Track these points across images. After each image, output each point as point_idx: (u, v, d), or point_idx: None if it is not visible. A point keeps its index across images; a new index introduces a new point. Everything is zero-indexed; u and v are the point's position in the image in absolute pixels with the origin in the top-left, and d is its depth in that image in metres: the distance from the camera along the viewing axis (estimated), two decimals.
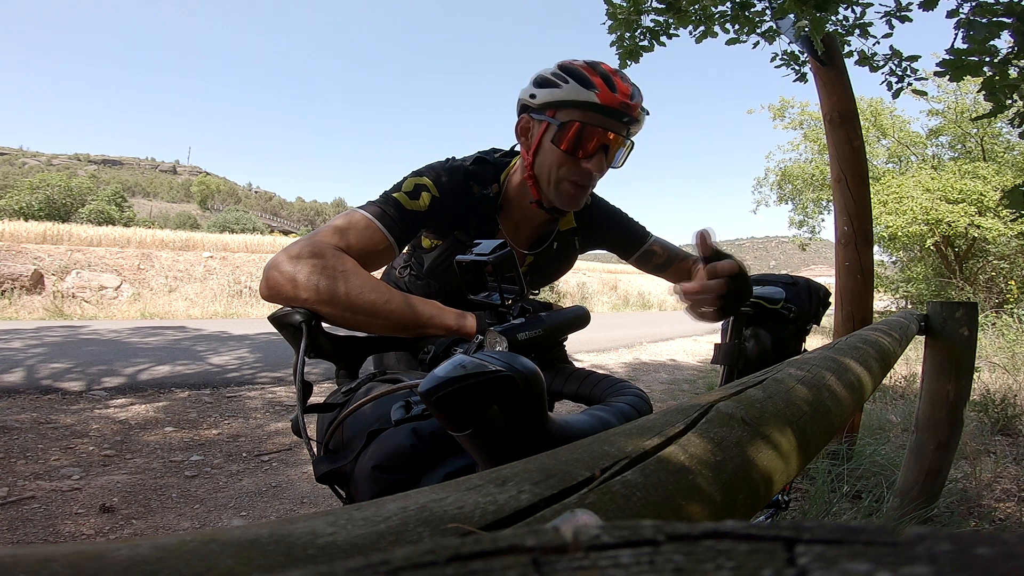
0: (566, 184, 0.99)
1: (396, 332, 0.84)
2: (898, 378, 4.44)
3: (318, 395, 3.37)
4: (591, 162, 0.97)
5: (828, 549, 0.12)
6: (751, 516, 0.41)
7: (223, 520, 2.05)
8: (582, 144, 0.96)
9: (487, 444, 0.37)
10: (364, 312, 0.79)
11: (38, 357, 4.70)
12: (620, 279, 20.41)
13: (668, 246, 1.26)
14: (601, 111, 0.94)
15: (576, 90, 0.93)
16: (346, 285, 0.78)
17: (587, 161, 0.97)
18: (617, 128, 0.97)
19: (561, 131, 0.95)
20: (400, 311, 0.81)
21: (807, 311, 1.29)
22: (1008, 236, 9.35)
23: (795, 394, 0.55)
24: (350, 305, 0.78)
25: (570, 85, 0.94)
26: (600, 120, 0.95)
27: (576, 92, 0.93)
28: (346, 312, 0.79)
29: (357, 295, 0.78)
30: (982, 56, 1.91)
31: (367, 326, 0.82)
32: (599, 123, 0.95)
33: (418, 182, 0.97)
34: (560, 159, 0.97)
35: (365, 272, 0.84)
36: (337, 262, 0.81)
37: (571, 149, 0.96)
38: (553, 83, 0.96)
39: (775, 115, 13.50)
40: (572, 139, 0.95)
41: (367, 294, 0.79)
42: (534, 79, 1.00)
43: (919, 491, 1.93)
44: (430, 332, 0.83)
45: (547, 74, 0.98)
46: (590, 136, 0.95)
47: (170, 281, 11.72)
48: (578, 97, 0.93)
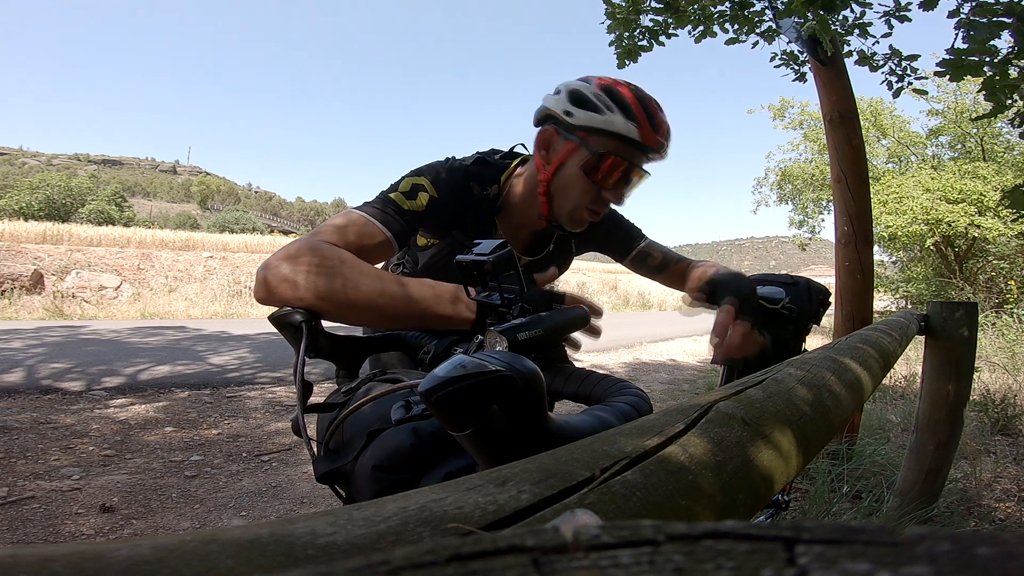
0: (583, 211, 0.99)
1: (396, 324, 0.81)
2: (898, 378, 4.44)
3: (318, 395, 3.37)
4: (612, 193, 0.96)
5: (828, 549, 0.12)
6: (751, 516, 0.41)
7: (223, 520, 2.05)
8: (612, 176, 0.95)
9: (487, 444, 0.37)
10: (362, 305, 0.77)
11: (38, 357, 4.70)
12: (620, 279, 20.42)
13: (663, 249, 1.25)
14: (638, 147, 0.93)
15: (619, 122, 0.91)
16: (343, 279, 0.76)
17: (610, 192, 0.96)
18: (644, 163, 0.96)
19: (594, 160, 0.94)
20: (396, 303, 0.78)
21: (807, 311, 1.29)
22: (1008, 236, 9.35)
23: (795, 394, 0.55)
24: (347, 299, 0.76)
25: (614, 115, 0.91)
26: (633, 155, 0.94)
27: (618, 124, 0.91)
28: (344, 307, 0.77)
29: (354, 288, 0.77)
30: (982, 56, 1.91)
31: (366, 320, 0.80)
32: (631, 157, 0.94)
33: (415, 182, 0.96)
34: (584, 187, 0.96)
35: (361, 262, 0.82)
36: (334, 257, 0.79)
37: (600, 180, 0.95)
38: (595, 107, 0.93)
39: (775, 115, 13.50)
40: (605, 171, 0.94)
41: (363, 285, 0.77)
42: (569, 93, 0.96)
43: (919, 491, 1.93)
44: (430, 324, 0.81)
45: (587, 93, 0.94)
46: (622, 170, 0.95)
47: (170, 281, 11.72)
48: (619, 131, 0.91)
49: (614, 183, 0.96)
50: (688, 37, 2.95)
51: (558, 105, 0.96)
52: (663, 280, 1.26)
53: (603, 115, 0.92)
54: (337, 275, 0.77)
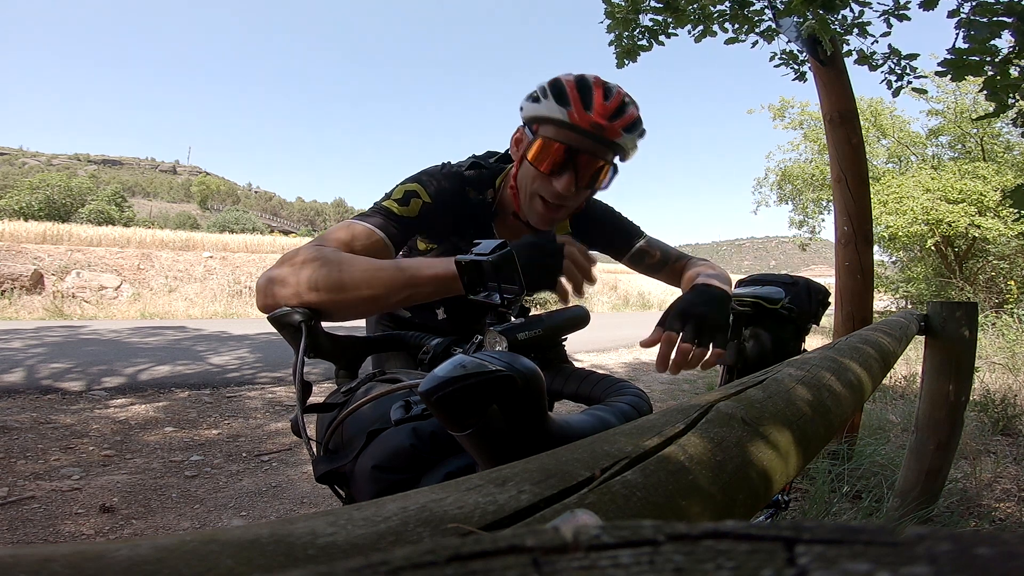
0: (537, 201, 1.00)
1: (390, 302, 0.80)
2: (898, 378, 4.44)
3: (318, 395, 3.37)
4: (560, 181, 0.96)
5: (828, 549, 0.12)
6: (751, 516, 0.41)
7: (223, 520, 2.05)
8: (548, 161, 0.95)
9: (487, 444, 0.37)
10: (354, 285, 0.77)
11: (38, 357, 4.70)
12: (620, 279, 20.41)
13: (662, 246, 1.24)
14: (573, 130, 0.93)
15: (551, 107, 0.93)
16: (337, 268, 0.78)
17: (556, 179, 0.96)
18: (590, 149, 0.95)
19: (531, 146, 0.96)
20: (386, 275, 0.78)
21: (807, 311, 1.29)
22: (1008, 236, 9.35)
23: (795, 394, 0.55)
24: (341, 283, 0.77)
25: (548, 101, 0.94)
26: (573, 139, 0.94)
27: (550, 109, 0.93)
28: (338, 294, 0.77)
29: (348, 271, 0.78)
30: (983, 56, 1.91)
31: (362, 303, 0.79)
32: (571, 142, 0.94)
33: (408, 189, 0.98)
34: (532, 174, 0.98)
35: (355, 255, 0.83)
36: (328, 253, 0.81)
37: (538, 164, 0.96)
38: (535, 98, 0.97)
39: (775, 115, 13.49)
40: (538, 154, 0.96)
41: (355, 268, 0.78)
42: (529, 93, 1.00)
43: (919, 491, 1.93)
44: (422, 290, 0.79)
45: (537, 88, 0.98)
46: (557, 154, 0.95)
47: (170, 281, 11.72)
48: (551, 114, 0.93)
49: (556, 168, 0.96)
50: (688, 37, 2.96)
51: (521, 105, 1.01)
52: (662, 278, 1.26)
53: (540, 103, 0.95)
54: (329, 265, 0.78)
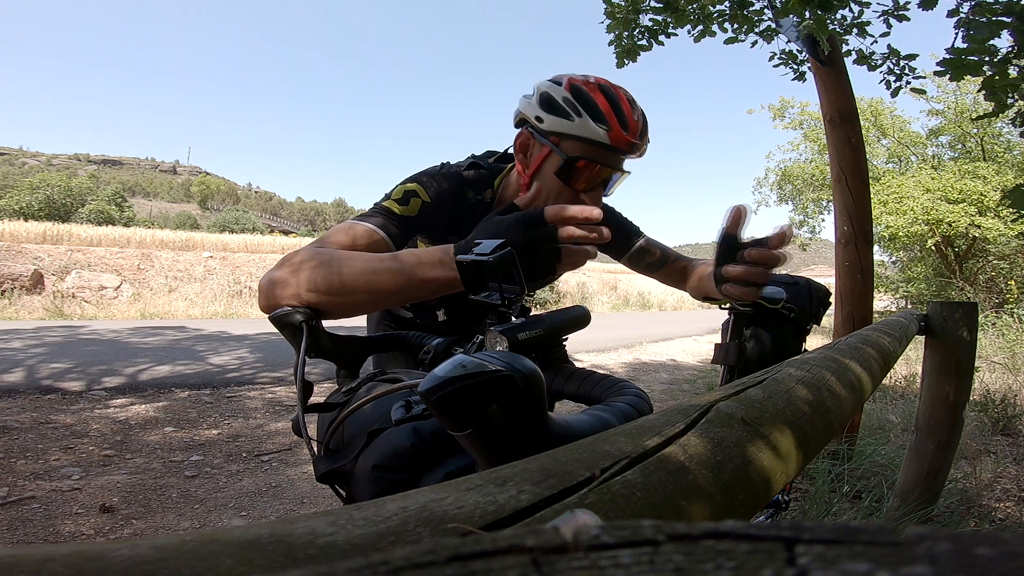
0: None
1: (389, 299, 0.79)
2: (898, 378, 4.44)
3: (318, 395, 3.37)
4: (589, 195, 0.96)
5: (828, 549, 0.12)
6: (751, 516, 0.41)
7: (223, 520, 2.05)
8: (585, 180, 0.95)
9: (487, 444, 0.37)
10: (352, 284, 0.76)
11: (38, 357, 4.70)
12: (620, 279, 20.42)
13: (661, 246, 1.26)
14: (608, 149, 0.92)
15: (587, 127, 0.90)
16: (337, 266, 0.77)
17: (586, 195, 0.96)
18: (620, 164, 0.96)
19: (566, 167, 0.93)
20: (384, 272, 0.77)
21: (807, 311, 1.29)
22: (1008, 236, 9.35)
23: (795, 394, 0.55)
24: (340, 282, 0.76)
25: (582, 120, 0.90)
26: (606, 157, 0.93)
27: (586, 129, 0.90)
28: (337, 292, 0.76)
29: (348, 269, 0.77)
30: (982, 55, 1.91)
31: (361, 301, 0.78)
32: (604, 160, 0.93)
33: (408, 189, 0.98)
34: (559, 190, 0.96)
35: (353, 252, 0.82)
36: (326, 252, 0.81)
37: (573, 183, 0.95)
38: (564, 112, 0.91)
39: (775, 115, 13.50)
40: (578, 176, 0.94)
41: (353, 265, 0.77)
42: (540, 97, 0.95)
43: (919, 491, 1.93)
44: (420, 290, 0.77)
45: (557, 97, 0.92)
46: (594, 173, 0.94)
47: (170, 281, 11.72)
48: (587, 135, 0.90)
49: (590, 186, 0.96)
50: (687, 36, 2.96)
51: (530, 110, 0.96)
52: (661, 277, 1.26)
53: (572, 120, 0.91)
54: (328, 264, 0.78)
